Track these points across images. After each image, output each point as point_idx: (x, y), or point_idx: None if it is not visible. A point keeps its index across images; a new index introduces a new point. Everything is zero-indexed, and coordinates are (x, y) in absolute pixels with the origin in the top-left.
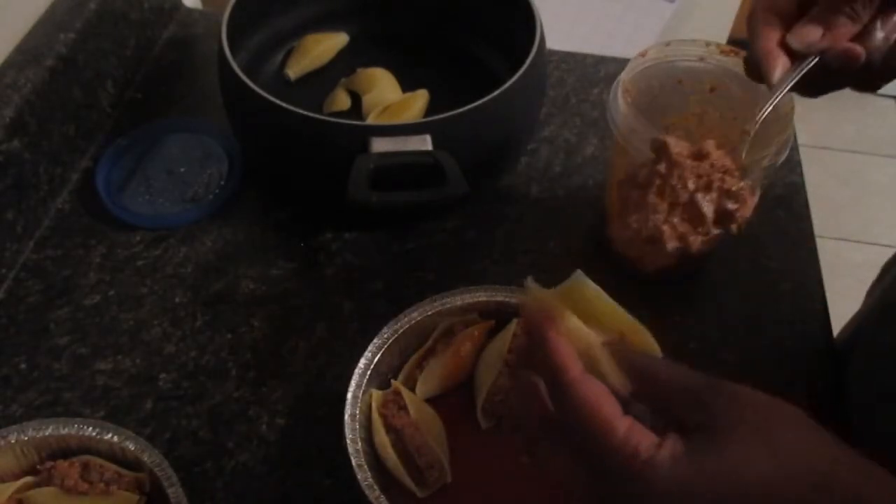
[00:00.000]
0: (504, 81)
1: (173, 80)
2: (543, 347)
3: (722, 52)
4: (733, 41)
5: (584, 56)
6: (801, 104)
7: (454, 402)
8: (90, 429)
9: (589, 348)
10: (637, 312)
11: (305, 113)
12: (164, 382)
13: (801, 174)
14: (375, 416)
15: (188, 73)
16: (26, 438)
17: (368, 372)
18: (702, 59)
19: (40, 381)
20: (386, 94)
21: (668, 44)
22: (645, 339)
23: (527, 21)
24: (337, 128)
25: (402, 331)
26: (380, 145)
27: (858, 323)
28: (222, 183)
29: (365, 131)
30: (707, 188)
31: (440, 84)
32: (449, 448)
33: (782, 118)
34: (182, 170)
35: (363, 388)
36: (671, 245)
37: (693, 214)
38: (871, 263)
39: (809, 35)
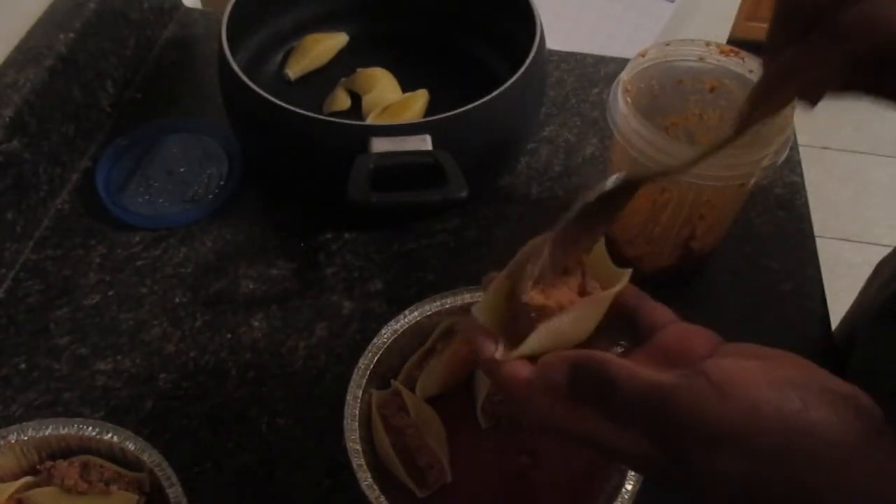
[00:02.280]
0: (504, 81)
1: (173, 80)
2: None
3: (722, 52)
4: (733, 41)
5: (584, 56)
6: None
7: (454, 402)
8: (90, 429)
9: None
10: None
11: (305, 113)
12: (164, 382)
13: (801, 174)
14: (375, 416)
15: (188, 73)
16: (26, 438)
17: (368, 372)
18: (702, 59)
19: (40, 381)
20: (386, 94)
21: (668, 44)
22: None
23: (527, 21)
24: (337, 128)
25: (402, 331)
26: (380, 145)
27: (854, 322)
28: (222, 183)
29: (365, 131)
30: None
31: (440, 84)
32: (449, 448)
33: (782, 118)
34: (182, 170)
35: (363, 388)
36: None
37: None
38: (871, 263)
39: None
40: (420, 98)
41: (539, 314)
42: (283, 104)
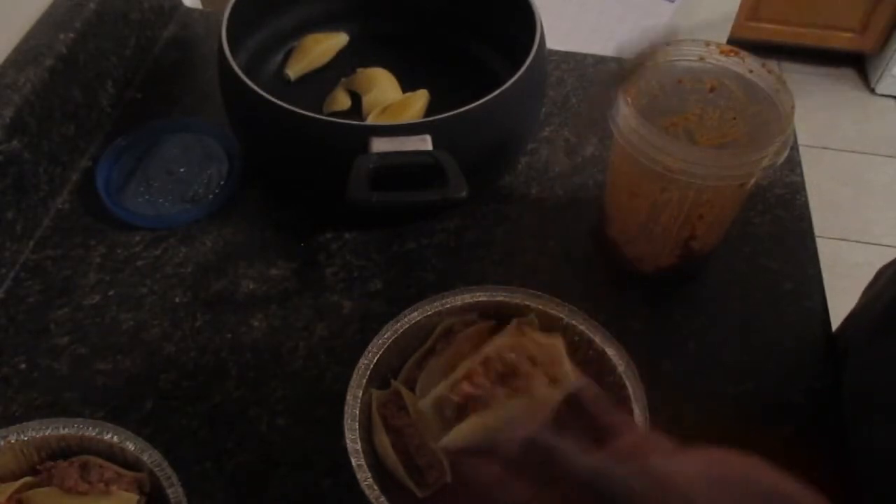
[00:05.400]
0: (504, 81)
1: (173, 80)
2: None
3: (722, 52)
4: (733, 41)
5: (584, 56)
6: (801, 104)
7: None
8: (90, 429)
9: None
10: (637, 312)
11: (305, 113)
12: (164, 382)
13: (801, 174)
14: (375, 416)
15: (188, 73)
16: (26, 438)
17: (368, 372)
18: (702, 59)
19: (40, 381)
20: (386, 94)
21: (668, 44)
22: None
23: (527, 21)
24: (337, 128)
25: (402, 331)
26: (380, 145)
27: (849, 330)
28: (222, 183)
29: (365, 131)
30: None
31: (440, 84)
32: None
33: (782, 118)
34: (182, 170)
35: (363, 388)
36: None
37: None
38: (871, 263)
39: None
40: (420, 98)
41: (474, 406)
42: (283, 104)
